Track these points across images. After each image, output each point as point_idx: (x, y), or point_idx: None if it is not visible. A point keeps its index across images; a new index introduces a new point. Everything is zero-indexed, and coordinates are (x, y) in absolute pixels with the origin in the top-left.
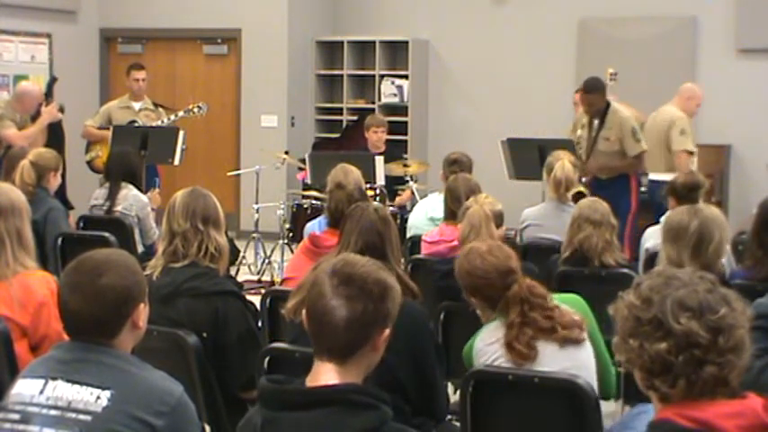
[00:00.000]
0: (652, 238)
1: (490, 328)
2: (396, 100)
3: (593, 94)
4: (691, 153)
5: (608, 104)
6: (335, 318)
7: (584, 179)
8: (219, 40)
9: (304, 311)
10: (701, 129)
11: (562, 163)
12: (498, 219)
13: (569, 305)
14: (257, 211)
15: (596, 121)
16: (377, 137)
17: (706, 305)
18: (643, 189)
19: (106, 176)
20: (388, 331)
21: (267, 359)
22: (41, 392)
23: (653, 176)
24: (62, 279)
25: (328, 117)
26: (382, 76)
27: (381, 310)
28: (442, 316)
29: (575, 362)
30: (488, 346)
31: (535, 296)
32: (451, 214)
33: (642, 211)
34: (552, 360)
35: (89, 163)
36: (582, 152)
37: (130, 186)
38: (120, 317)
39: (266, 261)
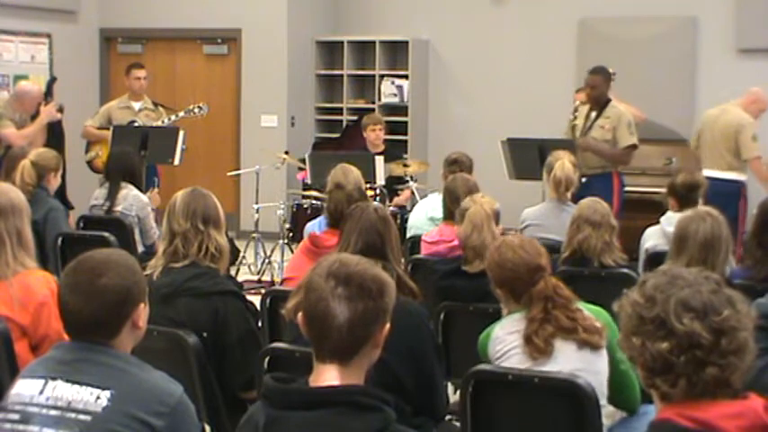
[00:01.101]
0: (652, 238)
1: (512, 318)
2: (396, 100)
3: (598, 75)
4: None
5: (608, 99)
6: (338, 320)
7: (583, 179)
8: (219, 40)
9: (300, 316)
10: None
11: (562, 163)
12: (496, 217)
13: (593, 315)
14: (257, 211)
15: (594, 113)
16: (375, 135)
17: (710, 306)
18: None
19: (106, 176)
20: (387, 326)
21: (267, 359)
22: (41, 392)
23: (712, 173)
24: (62, 279)
25: (328, 117)
26: (382, 76)
27: (381, 307)
28: (442, 316)
29: (588, 365)
30: (508, 335)
31: (559, 296)
32: (450, 214)
33: (642, 210)
34: (566, 360)
35: (89, 163)
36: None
37: (130, 186)
38: (120, 317)
39: (266, 261)
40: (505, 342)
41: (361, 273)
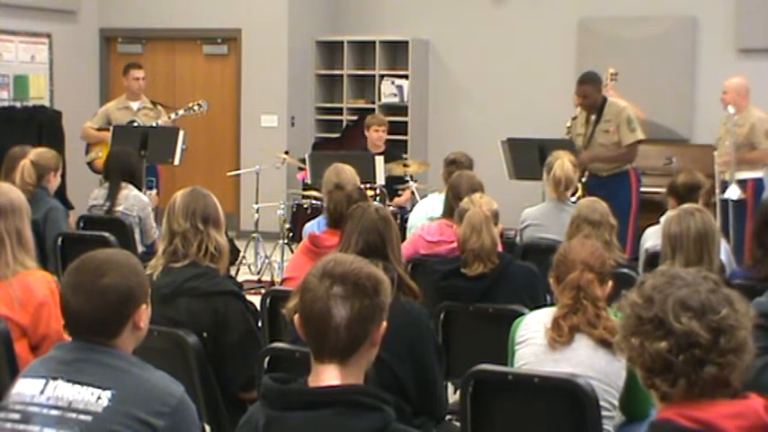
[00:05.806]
0: (652, 238)
1: (546, 309)
2: (396, 100)
3: (587, 85)
4: None
5: (604, 99)
6: (335, 319)
7: (583, 179)
8: (219, 40)
9: (296, 318)
10: (700, 128)
11: (562, 162)
12: (495, 218)
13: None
14: (257, 211)
15: (593, 117)
16: (377, 136)
17: (708, 305)
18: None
19: (106, 176)
20: (384, 324)
21: (267, 359)
22: (42, 392)
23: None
24: (64, 279)
25: (328, 117)
26: (382, 76)
27: (377, 304)
28: (442, 316)
29: (600, 371)
30: (535, 323)
31: (591, 290)
32: (452, 211)
33: (642, 210)
34: (579, 359)
35: (90, 164)
36: (580, 147)
37: (131, 186)
38: (122, 317)
39: (266, 261)
40: (531, 329)
41: (356, 271)
